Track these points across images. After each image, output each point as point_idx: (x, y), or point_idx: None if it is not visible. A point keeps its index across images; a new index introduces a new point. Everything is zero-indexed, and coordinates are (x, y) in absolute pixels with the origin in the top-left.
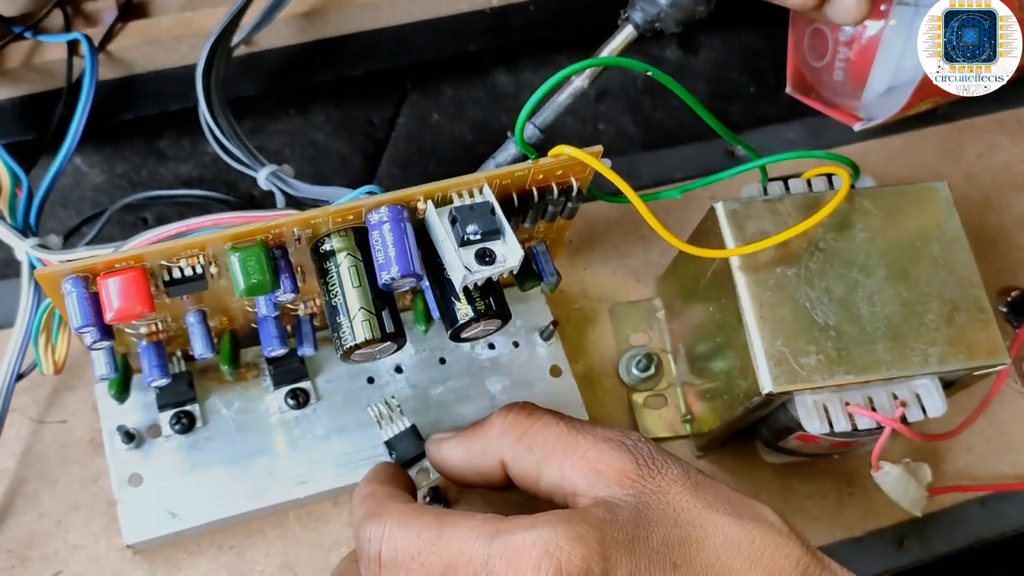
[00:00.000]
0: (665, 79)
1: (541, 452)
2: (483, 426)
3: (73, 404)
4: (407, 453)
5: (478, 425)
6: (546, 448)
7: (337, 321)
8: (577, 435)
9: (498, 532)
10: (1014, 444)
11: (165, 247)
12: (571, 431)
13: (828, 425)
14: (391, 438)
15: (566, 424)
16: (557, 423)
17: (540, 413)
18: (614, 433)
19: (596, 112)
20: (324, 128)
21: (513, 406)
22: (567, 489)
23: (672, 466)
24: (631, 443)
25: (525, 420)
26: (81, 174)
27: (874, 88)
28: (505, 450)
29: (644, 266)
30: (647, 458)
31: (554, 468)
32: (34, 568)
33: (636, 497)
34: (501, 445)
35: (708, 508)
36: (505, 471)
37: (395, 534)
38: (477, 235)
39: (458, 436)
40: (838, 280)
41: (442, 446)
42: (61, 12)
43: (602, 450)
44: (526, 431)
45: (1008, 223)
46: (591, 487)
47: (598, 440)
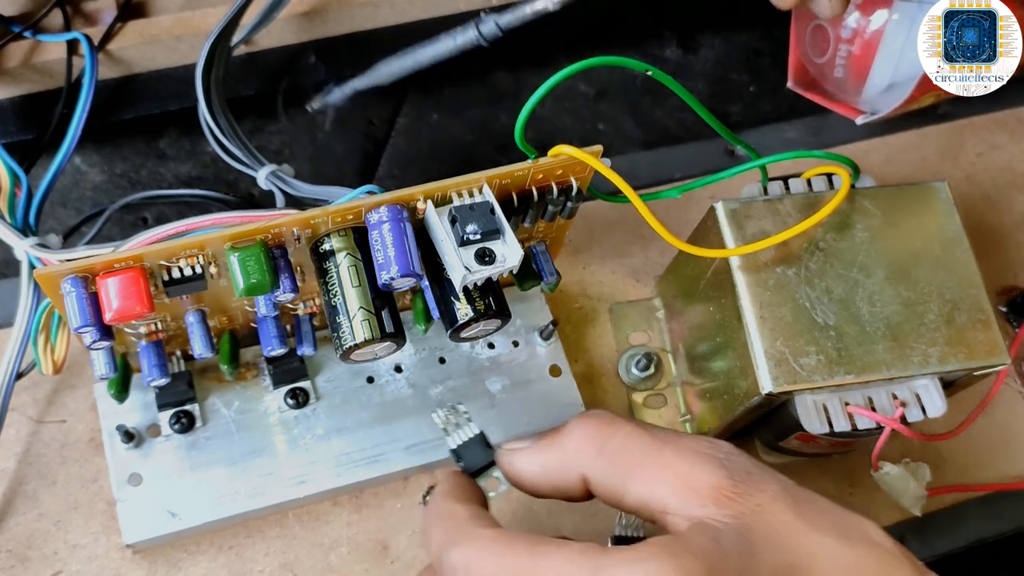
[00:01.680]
0: (665, 79)
1: (625, 466)
2: (560, 437)
3: (72, 403)
4: (476, 462)
5: (554, 436)
6: (631, 462)
7: (337, 321)
8: (664, 447)
9: (599, 567)
10: (1014, 444)
11: (164, 247)
12: (656, 442)
13: (828, 425)
14: (459, 446)
15: (650, 435)
16: (641, 434)
17: (621, 423)
18: (704, 444)
19: (596, 111)
20: (324, 128)
21: (591, 415)
22: (656, 506)
23: (770, 481)
24: (723, 456)
25: (606, 430)
26: (81, 173)
27: (876, 83)
28: (585, 464)
29: (644, 265)
30: (742, 473)
31: (641, 484)
32: (34, 568)
33: (736, 518)
34: (580, 459)
35: (813, 529)
36: (585, 486)
37: (483, 564)
38: (477, 235)
39: (533, 448)
40: (838, 280)
41: (515, 458)
42: (61, 11)
43: (692, 464)
44: (607, 443)
45: (1008, 223)
46: (684, 506)
47: (687, 453)
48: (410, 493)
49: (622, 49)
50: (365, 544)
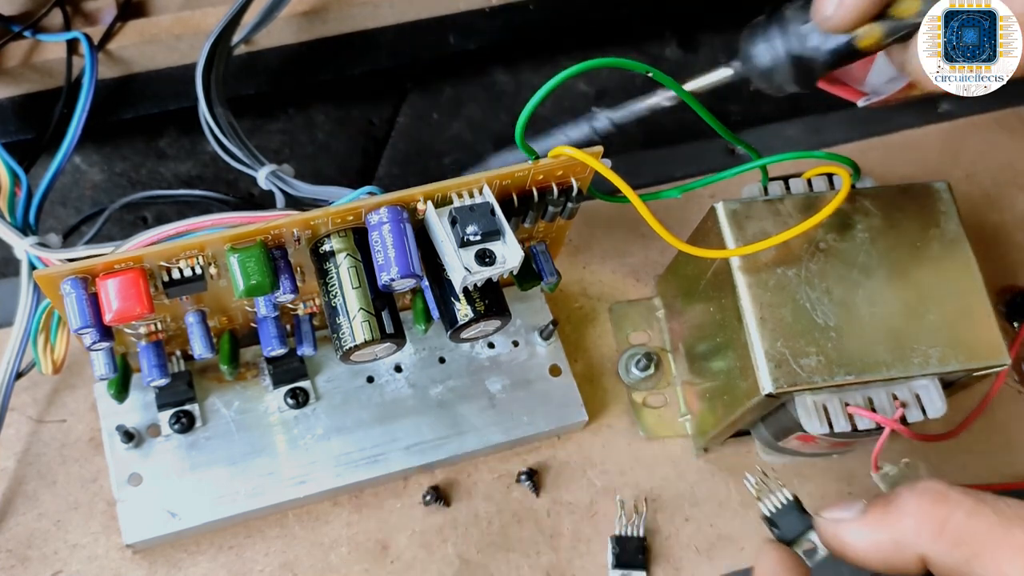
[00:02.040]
0: (666, 80)
1: (968, 548)
2: (892, 512)
3: (72, 403)
4: (793, 531)
5: (884, 509)
6: (974, 542)
7: (337, 322)
8: (1012, 524)
9: None
10: (1014, 444)
11: (164, 248)
12: (1003, 520)
13: (828, 426)
14: (773, 513)
15: (995, 512)
16: (985, 511)
17: (958, 497)
18: None
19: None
20: (324, 127)
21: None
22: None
23: None
24: None
25: (942, 507)
26: (80, 173)
27: (881, 68)
28: (924, 545)
29: (644, 265)
30: None
31: (989, 567)
32: (33, 568)
33: None
34: (919, 539)
35: None
36: (922, 565)
37: None
38: (477, 236)
39: (861, 520)
40: (838, 280)
41: (841, 530)
42: (60, 11)
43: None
44: (946, 522)
45: (1008, 222)
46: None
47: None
48: (410, 493)
49: (622, 49)
50: (365, 544)
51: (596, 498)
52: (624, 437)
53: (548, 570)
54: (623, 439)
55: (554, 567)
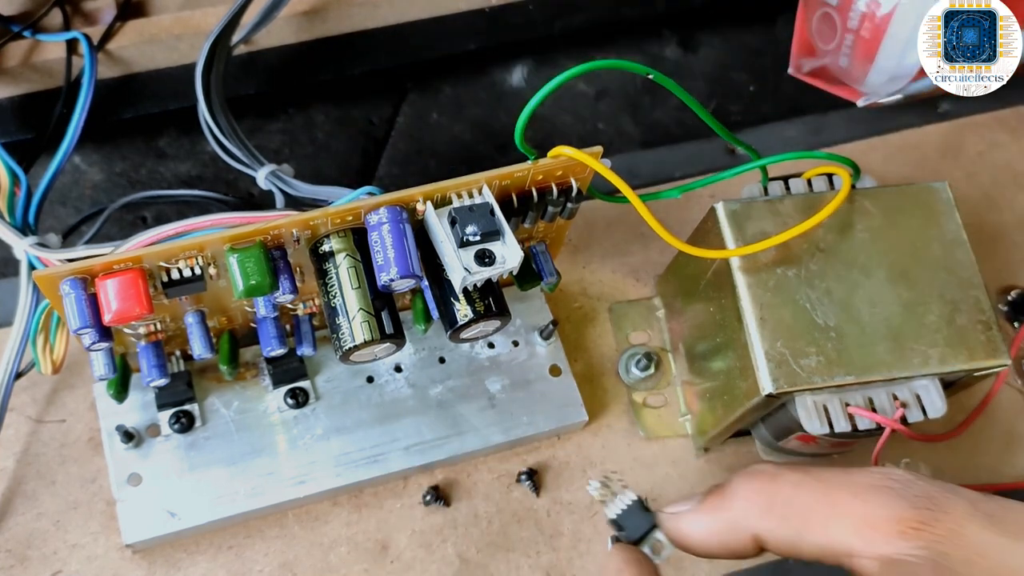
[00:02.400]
0: (667, 82)
1: (798, 518)
2: (724, 497)
3: (72, 403)
4: (638, 530)
5: (716, 496)
6: (802, 512)
7: (336, 322)
8: (833, 490)
9: None
10: (1014, 444)
11: (164, 248)
12: (827, 488)
13: (828, 426)
14: (618, 515)
15: (816, 479)
16: (807, 480)
17: (785, 474)
18: (876, 477)
19: (595, 111)
20: (323, 127)
21: (753, 472)
22: (839, 550)
23: (956, 500)
24: (898, 485)
25: (770, 484)
26: (80, 172)
27: (881, 68)
28: (755, 523)
29: (644, 265)
30: (923, 498)
31: (818, 532)
32: (33, 567)
33: (928, 549)
34: (749, 518)
35: (1016, 540)
36: (758, 543)
37: None
38: (476, 236)
39: (697, 510)
40: (838, 281)
41: (681, 522)
42: (60, 11)
43: (868, 501)
44: (774, 498)
45: (1009, 221)
46: (869, 546)
47: (860, 490)
48: (409, 493)
49: (622, 49)
50: (364, 544)
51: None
52: (624, 437)
53: (548, 570)
54: (623, 439)
55: (554, 567)
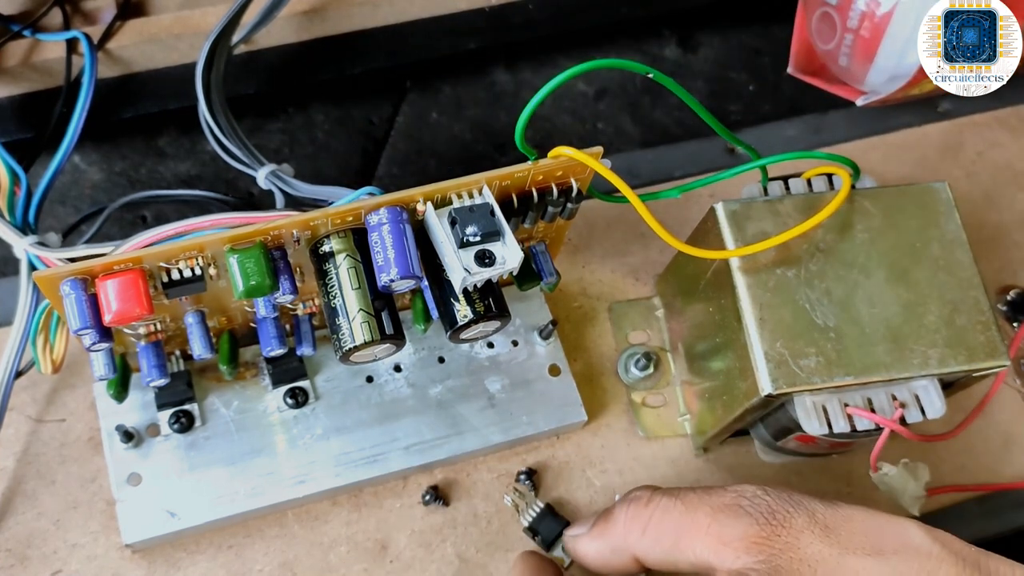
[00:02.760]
0: (667, 81)
1: (668, 539)
2: (608, 523)
3: (72, 403)
4: (551, 533)
5: (603, 521)
6: (671, 534)
7: (336, 323)
8: (695, 512)
9: None
10: (1012, 444)
11: (164, 249)
12: (688, 509)
13: (827, 426)
14: (531, 522)
15: (682, 502)
16: (674, 504)
17: (657, 498)
18: (729, 496)
19: (595, 111)
20: (323, 127)
21: (630, 499)
22: (704, 568)
23: (796, 514)
24: (747, 503)
25: (644, 510)
26: (80, 172)
27: (881, 68)
28: (633, 545)
29: (643, 264)
30: (767, 514)
31: (686, 552)
32: (33, 567)
33: (767, 562)
34: (628, 541)
35: (845, 552)
36: (638, 563)
37: None
38: (476, 237)
39: (589, 533)
40: (838, 281)
41: (577, 544)
42: (60, 10)
43: (721, 520)
44: (648, 522)
45: (1008, 221)
46: (723, 562)
47: (715, 511)
48: (409, 493)
49: (622, 48)
50: (364, 544)
51: (595, 498)
52: (623, 437)
53: None
54: (622, 439)
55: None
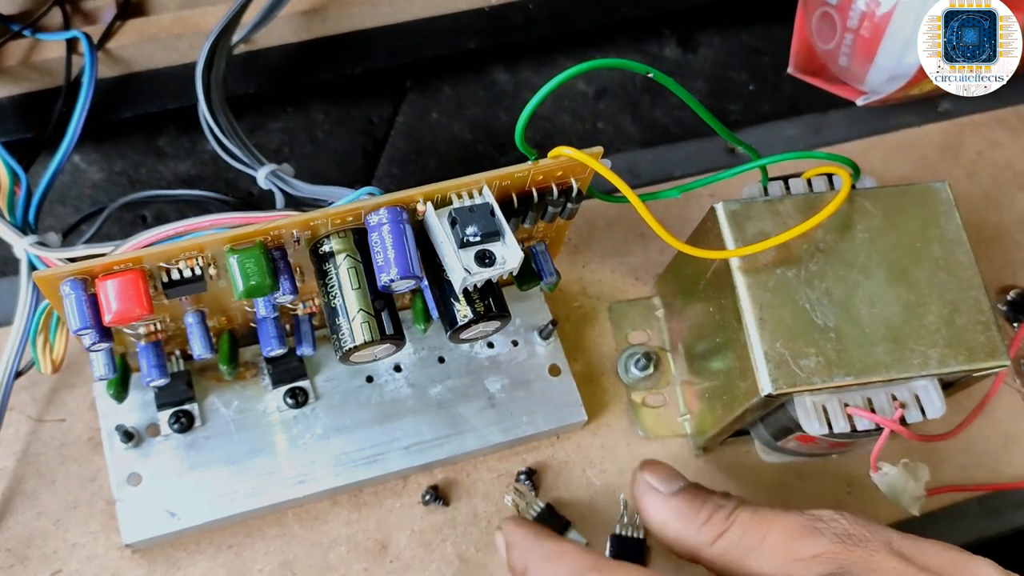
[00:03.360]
0: (667, 81)
1: (736, 552)
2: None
3: (72, 403)
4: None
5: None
6: (742, 549)
7: (336, 323)
8: (769, 531)
9: None
10: (1012, 444)
11: (164, 249)
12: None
13: (827, 426)
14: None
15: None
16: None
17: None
18: (805, 518)
19: (595, 111)
20: (323, 126)
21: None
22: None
23: (872, 539)
24: (824, 525)
25: (723, 522)
26: (80, 172)
27: (881, 67)
28: (701, 548)
29: (644, 264)
30: (842, 535)
31: (752, 568)
32: (33, 567)
33: (840, 569)
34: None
35: (920, 573)
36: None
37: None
38: (477, 237)
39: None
40: (838, 281)
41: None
42: (60, 10)
43: (795, 538)
44: (722, 533)
45: (1008, 221)
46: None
47: (791, 531)
48: (409, 492)
49: (622, 48)
50: (364, 543)
51: (595, 498)
52: (623, 437)
53: None
54: (622, 439)
55: None
